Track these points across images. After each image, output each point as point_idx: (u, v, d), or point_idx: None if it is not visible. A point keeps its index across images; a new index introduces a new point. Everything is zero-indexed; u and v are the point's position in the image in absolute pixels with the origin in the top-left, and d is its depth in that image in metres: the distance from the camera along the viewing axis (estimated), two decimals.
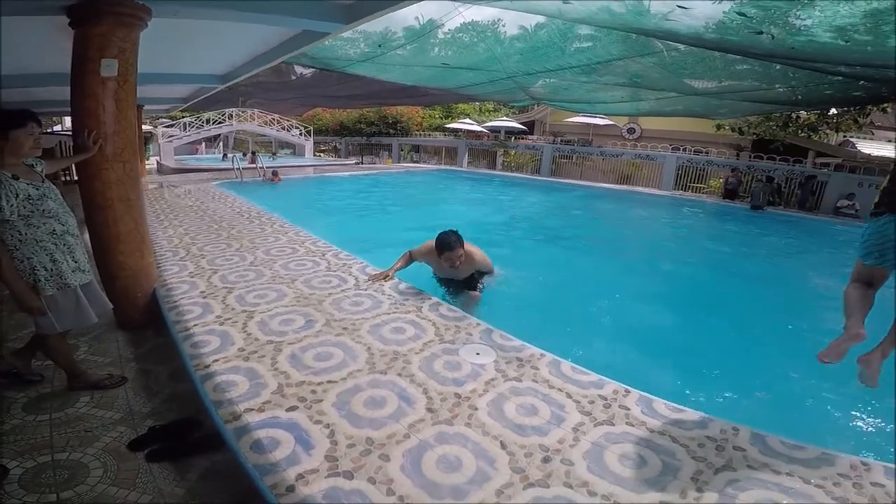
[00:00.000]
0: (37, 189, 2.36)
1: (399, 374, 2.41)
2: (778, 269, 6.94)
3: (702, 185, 14.32)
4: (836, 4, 3.49)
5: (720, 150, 15.25)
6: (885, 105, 10.80)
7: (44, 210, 2.38)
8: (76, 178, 6.17)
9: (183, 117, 19.90)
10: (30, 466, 2.02)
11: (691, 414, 2.16)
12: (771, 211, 11.19)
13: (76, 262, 2.52)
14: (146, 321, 3.45)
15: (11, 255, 2.28)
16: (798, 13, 3.87)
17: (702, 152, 14.98)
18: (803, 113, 12.50)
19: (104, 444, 2.19)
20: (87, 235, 3.21)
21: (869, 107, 10.99)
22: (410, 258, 3.97)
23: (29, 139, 2.37)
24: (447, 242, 3.56)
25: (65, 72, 6.49)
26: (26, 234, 2.32)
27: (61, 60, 5.62)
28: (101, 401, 2.55)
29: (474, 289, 4.00)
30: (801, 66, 5.70)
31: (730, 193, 12.50)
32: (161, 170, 16.02)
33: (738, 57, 5.87)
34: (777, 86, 7.14)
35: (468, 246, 3.75)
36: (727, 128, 14.88)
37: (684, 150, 15.11)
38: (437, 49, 7.66)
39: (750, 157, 14.24)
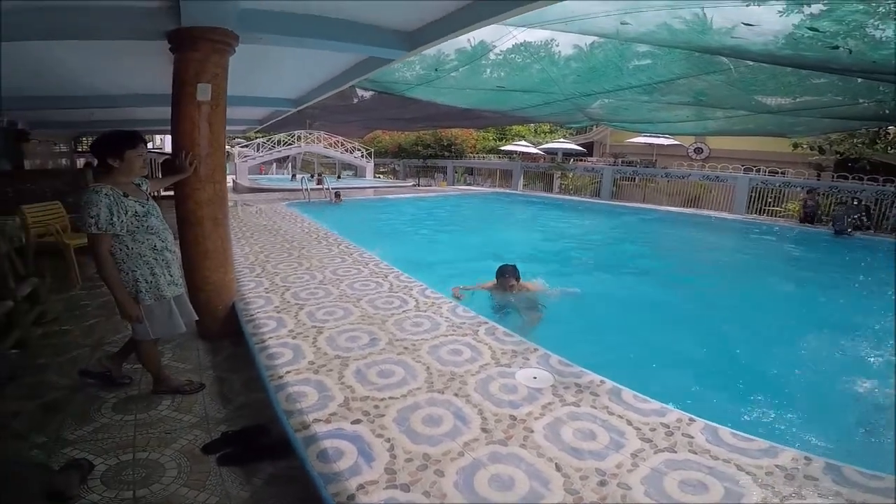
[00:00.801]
0: (142, 206, 2.58)
1: (455, 394, 2.46)
2: (861, 298, 6.36)
3: (778, 209, 13.40)
4: None
5: (798, 170, 14.21)
6: None
7: (148, 227, 2.59)
8: (161, 193, 6.93)
9: (256, 138, 21.26)
10: (113, 464, 2.19)
11: (760, 443, 2.07)
12: (858, 236, 10.26)
13: (171, 275, 2.74)
14: (224, 332, 3.68)
15: (119, 267, 2.52)
16: (877, 24, 3.64)
17: (777, 173, 14.05)
18: (892, 128, 11.51)
19: (181, 446, 2.34)
20: (177, 249, 3.51)
21: None
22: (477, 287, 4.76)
23: (139, 159, 2.58)
24: (504, 269, 4.62)
25: (149, 93, 7.28)
26: (132, 248, 2.55)
27: (145, 82, 6.33)
28: (181, 405, 2.74)
29: (537, 310, 4.46)
30: (887, 80, 5.31)
31: (809, 217, 11.63)
32: (236, 188, 16.93)
33: (815, 71, 5.57)
34: (861, 101, 6.67)
35: (525, 282, 4.70)
36: (805, 146, 13.94)
37: (758, 170, 14.21)
38: (489, 70, 7.74)
39: (833, 177, 13.18)
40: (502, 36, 6.49)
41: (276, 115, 11.06)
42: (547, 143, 22.27)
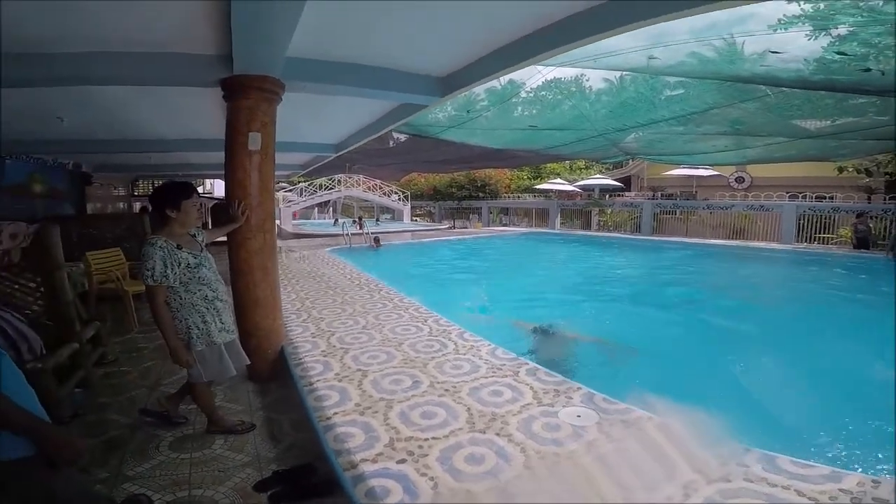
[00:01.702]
0: (195, 258, 2.70)
1: (497, 434, 2.46)
2: None
3: (830, 235, 12.79)
4: None
5: (847, 194, 13.61)
6: None
7: (199, 278, 2.70)
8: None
9: (298, 183, 21.98)
10: (170, 500, 2.27)
11: (822, 469, 2.01)
12: None
13: (223, 323, 2.85)
14: (272, 375, 3.79)
15: (173, 316, 2.65)
16: None
17: (825, 198, 13.49)
18: None
19: (233, 484, 2.40)
20: (229, 298, 3.57)
21: None
22: None
23: (194, 209, 2.71)
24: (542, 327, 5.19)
25: (202, 138, 7.58)
26: (185, 298, 2.67)
27: (198, 127, 6.68)
28: (234, 444, 2.81)
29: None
30: None
31: (861, 242, 11.03)
32: (280, 234, 17.39)
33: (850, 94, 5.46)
34: None
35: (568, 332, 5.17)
36: (851, 169, 13.42)
37: (804, 197, 13.69)
38: (520, 109, 7.88)
39: (885, 199, 12.54)
40: (532, 75, 6.68)
41: (318, 159, 11.40)
42: (583, 179, 22.14)
